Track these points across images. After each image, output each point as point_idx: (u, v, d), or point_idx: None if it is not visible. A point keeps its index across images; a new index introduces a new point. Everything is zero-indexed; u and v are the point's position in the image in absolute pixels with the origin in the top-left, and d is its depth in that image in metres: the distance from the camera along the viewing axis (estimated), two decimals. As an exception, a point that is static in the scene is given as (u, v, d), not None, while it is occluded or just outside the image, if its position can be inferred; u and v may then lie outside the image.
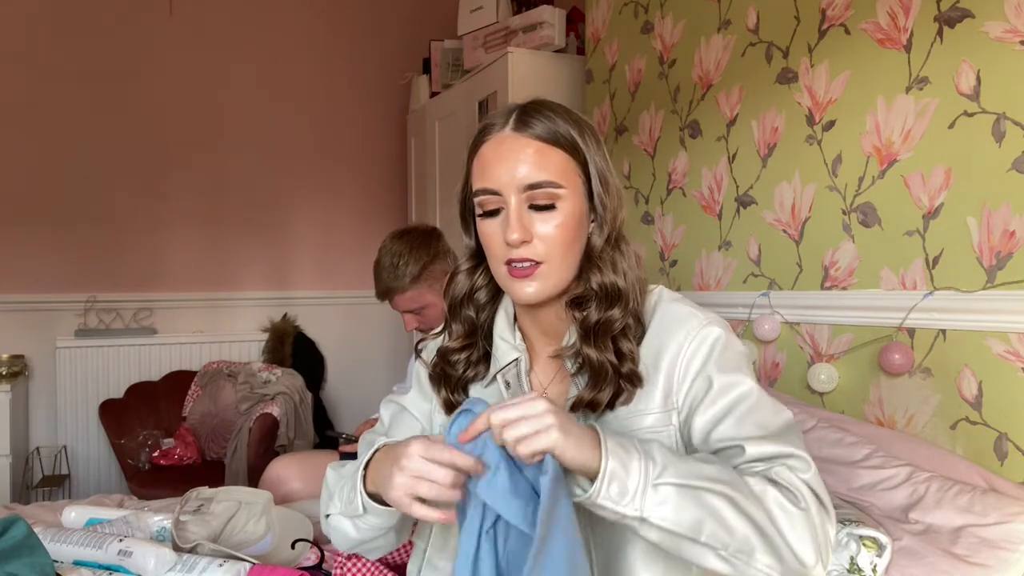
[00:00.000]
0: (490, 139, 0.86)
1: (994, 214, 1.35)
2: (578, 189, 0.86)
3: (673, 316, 0.88)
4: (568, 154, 0.85)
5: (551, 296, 0.87)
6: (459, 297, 0.96)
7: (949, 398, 1.42)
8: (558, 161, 0.84)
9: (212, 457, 2.94)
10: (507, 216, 0.84)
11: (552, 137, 0.84)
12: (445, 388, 0.96)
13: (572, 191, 0.85)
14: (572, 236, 0.85)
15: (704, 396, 0.84)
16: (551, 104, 0.88)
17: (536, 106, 0.87)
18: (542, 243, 0.84)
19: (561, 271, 0.86)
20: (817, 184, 1.71)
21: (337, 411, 3.61)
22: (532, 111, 0.86)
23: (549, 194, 0.83)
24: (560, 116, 0.86)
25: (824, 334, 1.69)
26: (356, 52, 3.70)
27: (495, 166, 0.84)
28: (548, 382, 0.94)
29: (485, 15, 2.98)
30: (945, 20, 1.43)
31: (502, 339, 0.94)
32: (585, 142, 0.86)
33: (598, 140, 0.89)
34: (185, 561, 1.23)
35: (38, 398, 3.15)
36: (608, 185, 0.88)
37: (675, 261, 2.19)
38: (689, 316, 0.88)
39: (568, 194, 0.84)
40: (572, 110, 0.89)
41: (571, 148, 0.85)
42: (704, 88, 2.06)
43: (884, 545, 1.14)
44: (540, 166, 0.83)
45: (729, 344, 0.87)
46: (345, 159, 3.71)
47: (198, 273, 3.43)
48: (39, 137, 3.12)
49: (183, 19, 3.34)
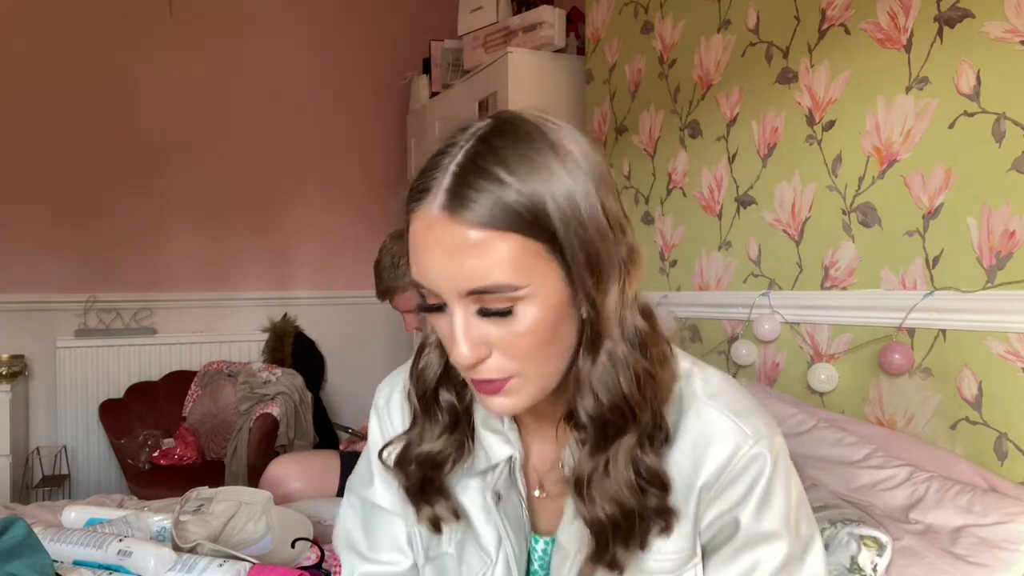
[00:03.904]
0: (417, 213, 0.61)
1: (994, 214, 1.35)
2: (548, 276, 0.59)
3: (708, 427, 0.67)
4: (528, 236, 0.58)
5: (536, 402, 0.65)
6: (432, 381, 0.73)
7: (949, 398, 1.42)
8: (510, 253, 0.57)
9: (212, 457, 2.94)
10: (451, 322, 0.61)
11: (498, 221, 0.57)
12: (431, 503, 0.73)
13: (540, 283, 0.59)
14: (546, 339, 0.61)
15: (726, 542, 0.67)
16: (504, 150, 0.58)
17: (479, 165, 0.58)
18: (504, 356, 0.61)
19: (542, 379, 0.64)
20: (817, 184, 1.71)
21: (337, 411, 3.61)
22: (471, 176, 0.58)
23: (502, 298, 0.59)
24: (515, 171, 0.57)
25: (824, 334, 1.69)
26: (356, 52, 3.71)
27: (425, 257, 0.60)
28: (548, 482, 0.75)
29: (485, 15, 2.98)
30: (945, 20, 1.43)
31: (488, 429, 0.73)
32: (555, 202, 0.58)
33: (589, 169, 0.61)
34: (185, 561, 1.22)
35: (38, 398, 3.15)
36: (598, 258, 0.60)
37: (675, 261, 2.19)
38: (732, 431, 0.66)
39: (533, 290, 0.59)
40: (547, 135, 0.60)
41: (529, 226, 0.57)
42: (704, 88, 2.06)
43: (884, 544, 1.14)
44: (484, 266, 0.57)
45: (777, 474, 0.66)
46: (345, 159, 3.71)
47: (198, 273, 3.43)
48: (39, 137, 3.12)
49: (183, 19, 3.34)
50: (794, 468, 0.70)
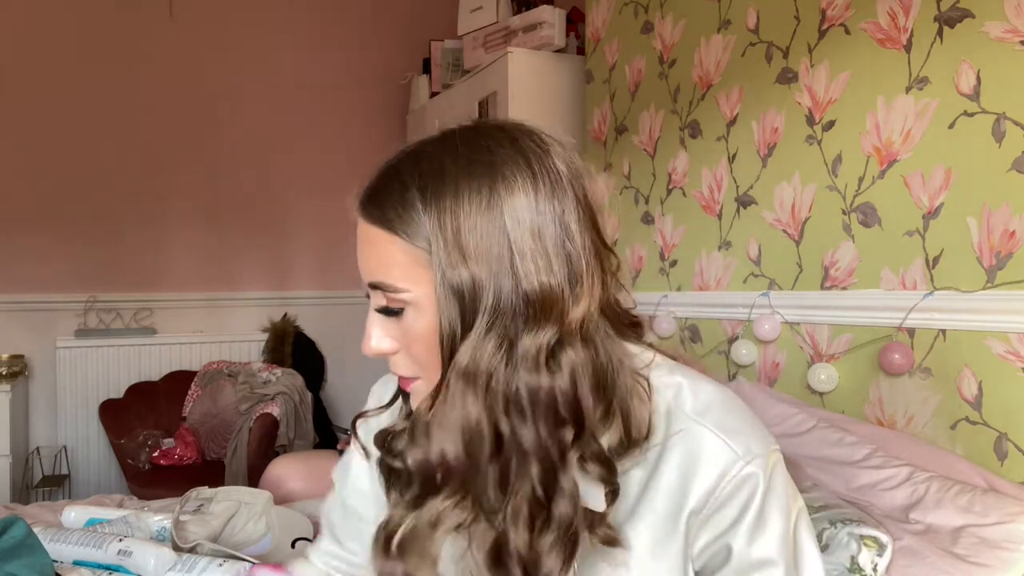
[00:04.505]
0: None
1: (994, 214, 1.35)
2: (431, 289, 0.60)
3: (696, 447, 0.63)
4: (409, 242, 0.59)
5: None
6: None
7: (949, 398, 1.42)
8: (395, 255, 0.60)
9: (212, 457, 2.94)
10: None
11: (388, 220, 0.60)
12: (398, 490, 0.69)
13: (424, 291, 0.59)
14: (430, 349, 0.61)
15: (718, 569, 0.64)
16: (429, 160, 0.60)
17: (397, 168, 0.61)
18: (405, 356, 0.63)
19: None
20: (817, 184, 1.71)
21: (337, 411, 3.61)
22: (387, 178, 0.62)
23: (391, 298, 0.61)
24: (426, 181, 0.59)
25: (824, 334, 1.69)
26: (356, 52, 3.70)
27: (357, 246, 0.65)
28: None
29: (485, 15, 2.98)
30: (945, 20, 1.43)
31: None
32: (441, 222, 0.57)
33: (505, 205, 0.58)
34: (185, 561, 1.22)
35: (38, 398, 3.15)
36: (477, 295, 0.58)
37: (675, 261, 2.19)
38: (721, 451, 0.62)
39: (418, 298, 0.60)
40: (494, 166, 0.59)
41: (410, 233, 0.59)
42: (704, 88, 2.06)
43: (885, 544, 1.14)
44: (378, 261, 0.61)
45: (771, 496, 0.63)
46: (345, 159, 3.71)
47: (198, 273, 3.43)
48: (39, 137, 3.12)
49: (183, 20, 3.34)
50: (792, 483, 0.66)
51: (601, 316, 0.63)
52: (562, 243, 0.59)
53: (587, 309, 0.60)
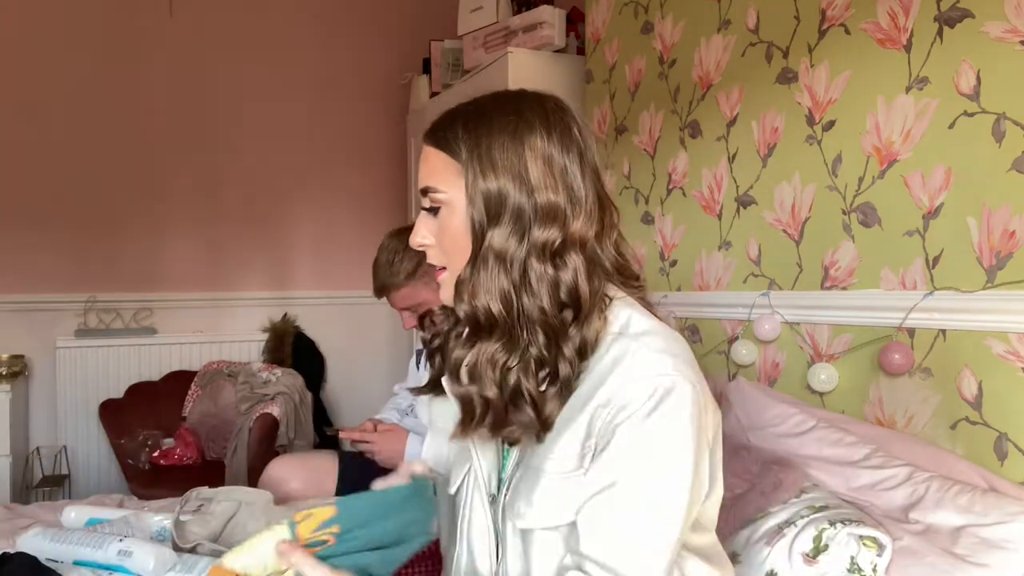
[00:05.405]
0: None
1: (994, 214, 1.35)
2: (462, 191, 0.80)
3: (625, 353, 0.77)
4: (451, 156, 0.80)
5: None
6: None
7: (949, 398, 1.42)
8: (438, 164, 0.81)
9: (212, 457, 2.94)
10: None
11: (438, 140, 0.82)
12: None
13: (456, 194, 0.80)
14: (461, 244, 0.80)
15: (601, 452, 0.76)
16: (479, 108, 0.82)
17: (452, 110, 0.84)
18: (436, 249, 0.84)
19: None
20: (817, 184, 1.71)
21: (337, 411, 3.61)
22: (444, 116, 0.84)
23: (431, 199, 0.82)
24: (471, 114, 0.81)
25: (824, 334, 1.69)
26: (356, 52, 3.71)
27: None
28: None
29: (485, 15, 2.98)
30: (945, 20, 1.43)
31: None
32: (476, 143, 0.78)
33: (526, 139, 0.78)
34: (185, 561, 1.23)
35: (38, 398, 3.15)
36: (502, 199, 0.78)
37: (675, 261, 2.19)
38: (654, 362, 0.76)
39: (451, 199, 0.80)
40: (523, 116, 0.80)
41: (452, 150, 0.80)
42: (704, 88, 2.06)
43: (884, 545, 1.14)
44: (427, 170, 0.83)
45: (677, 408, 0.74)
46: (345, 159, 3.71)
47: (198, 273, 3.43)
48: (39, 137, 3.12)
49: (183, 19, 3.34)
50: (704, 430, 0.76)
51: (602, 252, 0.82)
52: (565, 176, 0.79)
53: (585, 229, 0.79)
